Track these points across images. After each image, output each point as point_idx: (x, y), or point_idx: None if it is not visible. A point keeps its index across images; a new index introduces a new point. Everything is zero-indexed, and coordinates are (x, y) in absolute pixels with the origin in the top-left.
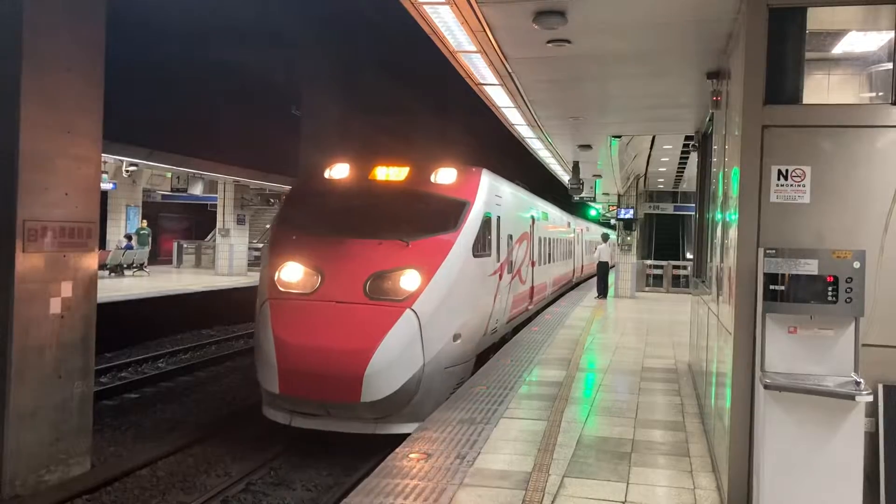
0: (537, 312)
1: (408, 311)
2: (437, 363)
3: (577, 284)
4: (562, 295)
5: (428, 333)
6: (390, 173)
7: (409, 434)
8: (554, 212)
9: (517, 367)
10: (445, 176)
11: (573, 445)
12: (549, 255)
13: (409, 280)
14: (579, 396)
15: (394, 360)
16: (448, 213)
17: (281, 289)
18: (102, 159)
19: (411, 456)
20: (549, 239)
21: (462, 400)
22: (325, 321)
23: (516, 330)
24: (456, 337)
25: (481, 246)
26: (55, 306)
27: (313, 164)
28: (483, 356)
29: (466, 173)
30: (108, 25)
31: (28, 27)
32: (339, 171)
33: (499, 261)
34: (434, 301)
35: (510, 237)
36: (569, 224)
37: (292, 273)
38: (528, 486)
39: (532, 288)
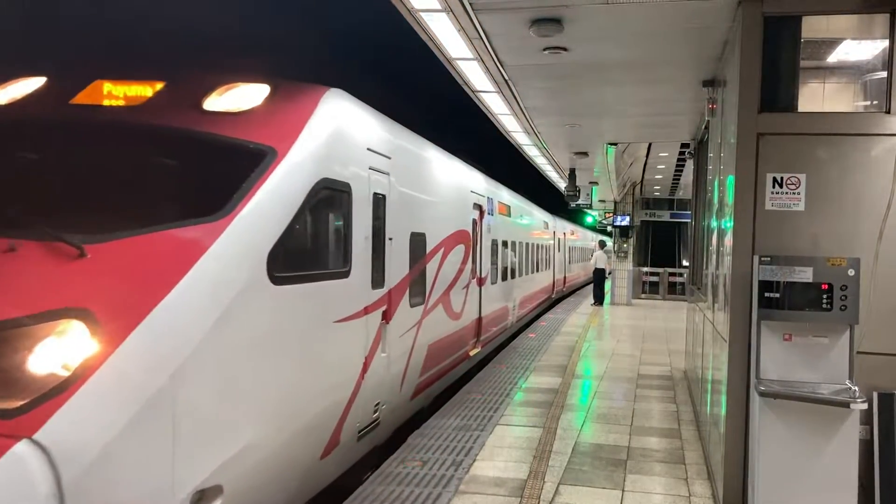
0: (497, 350)
1: (19, 447)
2: None
3: (559, 301)
4: (538, 316)
5: (87, 499)
6: (124, 94)
7: None
8: (521, 205)
9: (513, 374)
10: (235, 99)
11: (569, 452)
12: (513, 266)
13: (57, 353)
14: (575, 403)
15: None
16: (217, 174)
17: None
18: None
19: (407, 463)
20: (513, 243)
21: (457, 407)
22: None
23: (441, 398)
24: (202, 496)
25: (314, 254)
26: None
27: None
28: (352, 474)
29: (287, 96)
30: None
31: None
32: (18, 91)
33: (383, 285)
34: (119, 407)
35: (419, 238)
36: (546, 224)
37: None
38: (524, 494)
39: (479, 321)
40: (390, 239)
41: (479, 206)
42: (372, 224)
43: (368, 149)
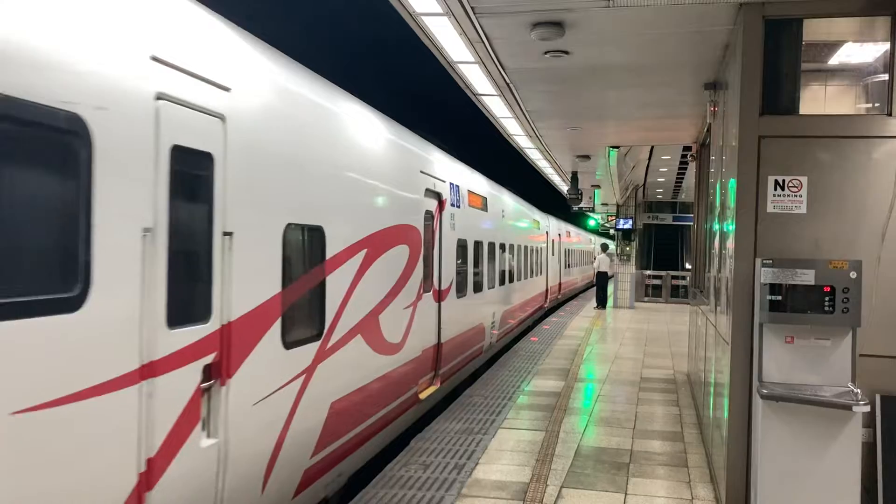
0: (471, 380)
1: None
2: None
3: (554, 310)
4: (528, 330)
5: None
6: None
7: None
8: (503, 198)
9: (515, 378)
10: None
11: (571, 456)
12: (492, 273)
13: None
14: (578, 407)
15: None
16: None
17: None
18: None
19: (409, 466)
20: (492, 244)
21: (460, 410)
22: None
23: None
24: None
25: None
26: None
27: None
28: None
29: None
30: None
31: None
32: None
33: (207, 317)
34: None
35: (311, 234)
36: (538, 224)
37: None
38: (526, 497)
39: (437, 349)
40: (228, 234)
41: (437, 195)
42: (169, 205)
43: (156, 58)
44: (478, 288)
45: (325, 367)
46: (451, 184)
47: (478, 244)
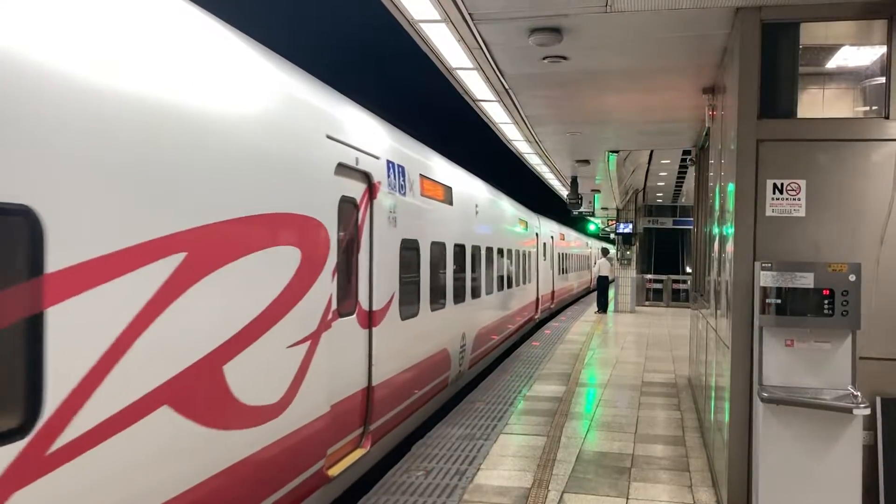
0: (426, 427)
1: None
2: None
3: (548, 320)
4: (517, 344)
5: None
6: None
7: None
8: (476, 192)
9: (516, 383)
10: None
11: (572, 461)
12: (460, 282)
13: None
14: (579, 411)
15: None
16: None
17: None
18: None
19: (410, 472)
20: (459, 246)
21: (461, 416)
22: None
23: None
24: None
25: None
26: None
27: None
28: None
29: None
30: None
31: None
32: None
33: None
34: None
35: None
36: (525, 224)
37: None
38: (528, 502)
39: (366, 395)
40: None
41: (364, 176)
42: None
43: None
44: (438, 303)
45: (46, 488)
46: (389, 162)
47: (437, 247)
